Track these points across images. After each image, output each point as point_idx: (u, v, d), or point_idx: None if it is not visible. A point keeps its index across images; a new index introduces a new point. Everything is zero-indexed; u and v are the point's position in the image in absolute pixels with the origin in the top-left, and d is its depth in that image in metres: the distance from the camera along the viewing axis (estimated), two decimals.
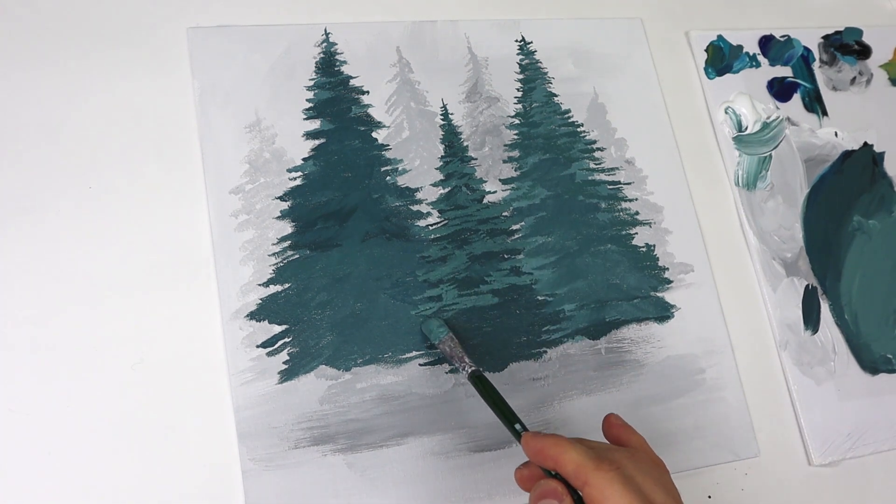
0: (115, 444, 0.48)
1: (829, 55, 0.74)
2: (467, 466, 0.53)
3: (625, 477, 0.38)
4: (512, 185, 0.61)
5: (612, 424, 0.48)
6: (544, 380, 0.56)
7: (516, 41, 0.65)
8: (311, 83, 0.59)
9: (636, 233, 0.62)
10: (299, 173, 0.57)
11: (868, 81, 0.74)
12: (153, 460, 0.49)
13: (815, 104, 0.71)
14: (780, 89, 0.71)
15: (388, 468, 0.52)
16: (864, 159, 0.71)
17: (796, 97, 0.71)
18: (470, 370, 0.50)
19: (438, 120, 0.61)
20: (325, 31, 0.61)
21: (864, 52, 0.75)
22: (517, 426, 0.46)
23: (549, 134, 0.63)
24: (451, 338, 0.52)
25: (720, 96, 0.69)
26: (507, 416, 0.46)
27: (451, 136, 0.61)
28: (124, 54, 0.56)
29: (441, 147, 0.60)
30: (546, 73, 0.64)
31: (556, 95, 0.64)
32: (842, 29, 0.75)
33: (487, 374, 0.55)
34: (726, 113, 0.68)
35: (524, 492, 0.44)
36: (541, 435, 0.42)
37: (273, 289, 0.54)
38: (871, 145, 0.71)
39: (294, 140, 0.57)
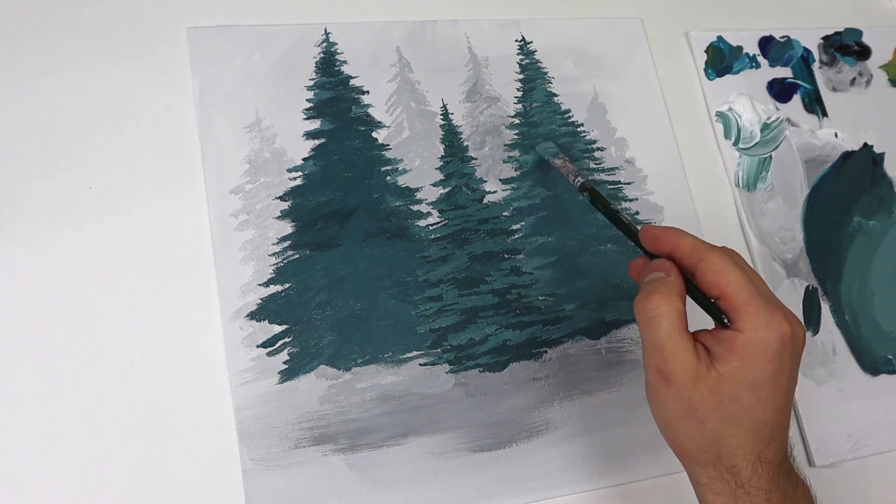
0: (116, 444, 0.48)
1: (828, 56, 0.74)
2: (467, 466, 0.53)
3: (735, 261, 0.42)
4: (512, 185, 0.61)
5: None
6: (544, 380, 0.56)
7: (516, 41, 0.65)
8: (312, 83, 0.59)
9: None
10: (299, 173, 0.57)
11: (868, 82, 0.74)
12: (153, 460, 0.49)
13: (814, 105, 0.71)
14: (779, 90, 0.71)
15: (388, 468, 0.52)
16: (864, 160, 0.71)
17: (796, 98, 0.71)
18: (580, 182, 0.51)
19: (438, 120, 0.61)
20: (325, 31, 0.61)
21: (863, 52, 0.75)
22: (628, 222, 0.48)
23: (549, 134, 0.63)
24: (563, 155, 0.53)
25: (720, 97, 0.69)
26: (620, 220, 0.48)
27: (451, 135, 0.61)
28: (124, 54, 0.56)
29: (441, 147, 0.60)
30: (546, 73, 0.65)
31: (556, 95, 0.64)
32: (841, 30, 0.75)
33: (488, 374, 0.55)
34: (718, 119, 0.68)
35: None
36: (658, 226, 0.46)
37: (273, 289, 0.54)
38: (871, 146, 0.71)
39: (294, 140, 0.57)
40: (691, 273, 0.43)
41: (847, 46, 0.75)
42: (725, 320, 0.41)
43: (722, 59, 0.70)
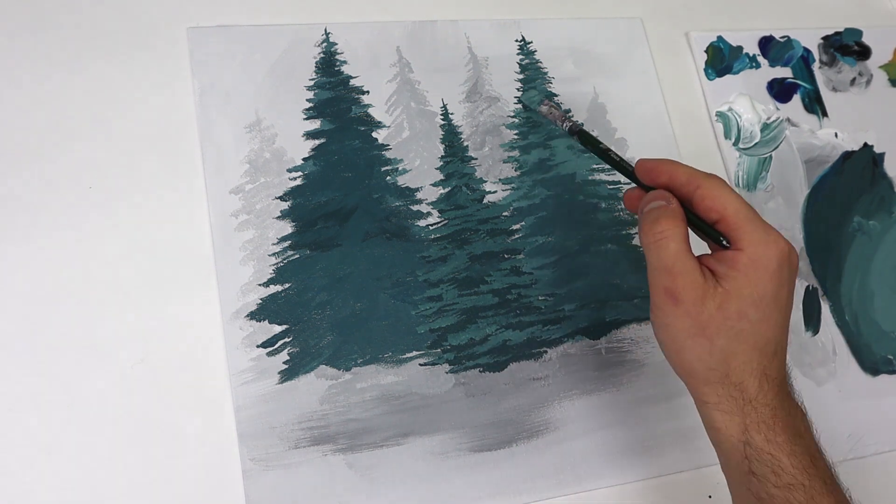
0: (115, 444, 0.48)
1: (828, 56, 0.74)
2: (467, 466, 0.53)
3: (728, 185, 0.44)
4: (512, 185, 0.61)
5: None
6: (544, 380, 0.56)
7: (516, 41, 0.65)
8: (312, 83, 0.59)
9: (636, 232, 0.62)
10: (299, 173, 0.57)
11: (868, 82, 0.74)
12: (153, 460, 0.49)
13: (815, 105, 0.71)
14: (780, 90, 0.71)
15: (388, 468, 0.52)
16: (864, 160, 0.71)
17: (796, 98, 0.71)
18: (569, 126, 0.51)
19: (438, 120, 0.61)
20: (325, 31, 0.61)
21: (863, 52, 0.75)
22: (619, 159, 0.49)
23: (549, 134, 0.63)
24: (549, 101, 0.53)
25: (720, 97, 0.69)
26: (613, 157, 0.49)
27: (451, 135, 0.61)
28: (124, 54, 0.56)
29: (441, 147, 0.60)
30: (546, 73, 0.65)
31: (556, 95, 0.64)
32: (841, 30, 0.75)
33: (488, 374, 0.55)
34: (718, 119, 0.68)
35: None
36: (652, 159, 0.46)
37: (273, 289, 0.54)
38: (871, 146, 0.71)
39: (294, 140, 0.57)
40: (688, 200, 0.44)
41: (847, 46, 0.75)
42: (725, 242, 0.43)
43: (722, 59, 0.70)
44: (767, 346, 0.43)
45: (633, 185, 0.48)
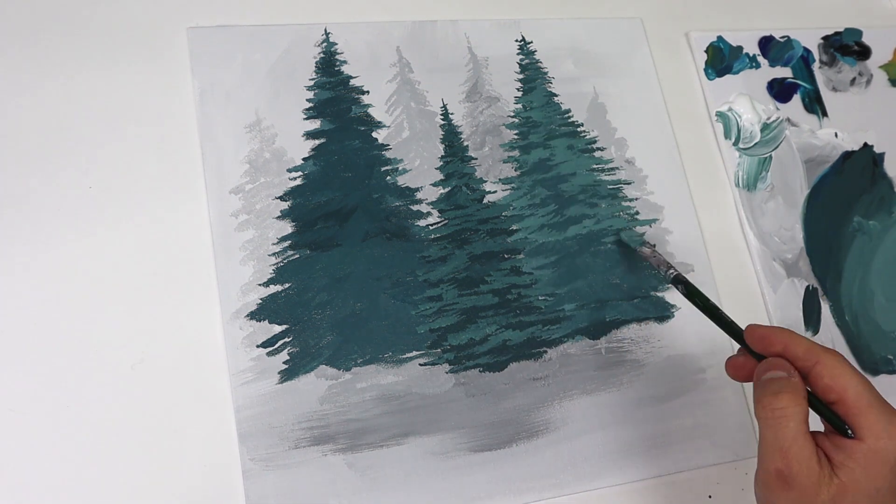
0: (115, 444, 0.48)
1: (828, 56, 0.74)
2: (467, 466, 0.53)
3: (848, 363, 0.42)
4: (512, 185, 0.61)
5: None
6: (544, 380, 0.56)
7: (516, 41, 0.65)
8: (312, 83, 0.59)
9: (636, 232, 0.62)
10: (299, 173, 0.57)
11: (868, 82, 0.74)
12: (153, 460, 0.49)
13: (815, 105, 0.71)
14: (780, 90, 0.71)
15: (388, 468, 0.52)
16: (865, 160, 0.71)
17: (796, 98, 0.71)
18: (673, 275, 0.50)
19: (438, 120, 0.61)
20: (325, 31, 0.61)
21: (863, 52, 0.75)
22: (730, 321, 0.48)
23: (549, 134, 0.63)
24: (651, 245, 0.52)
25: (720, 97, 0.69)
26: (720, 316, 0.48)
27: (451, 135, 0.61)
28: (124, 54, 0.56)
29: (441, 147, 0.60)
30: (546, 73, 0.65)
31: (556, 95, 0.64)
32: (841, 30, 0.75)
33: (488, 374, 0.55)
34: (718, 119, 0.68)
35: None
36: (765, 325, 0.45)
37: (273, 289, 0.54)
38: (871, 146, 0.71)
39: (294, 140, 0.57)
40: (804, 375, 0.42)
41: (847, 46, 0.75)
42: (850, 432, 0.41)
43: (722, 59, 0.70)
44: None
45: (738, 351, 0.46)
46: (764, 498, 0.42)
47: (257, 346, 0.52)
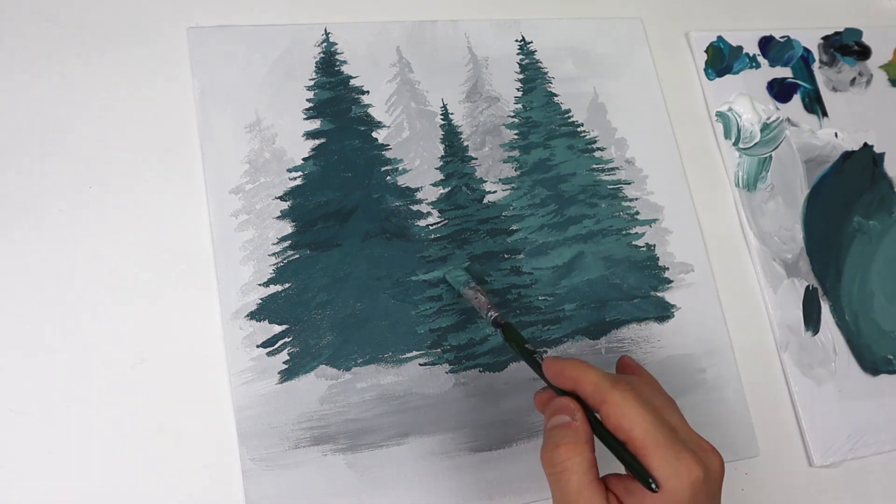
0: (115, 444, 0.48)
1: (828, 56, 0.74)
2: (467, 466, 0.53)
3: (641, 397, 0.40)
4: (512, 185, 0.61)
5: (626, 364, 0.50)
6: None
7: (516, 41, 0.65)
8: (311, 83, 0.59)
9: (636, 232, 0.62)
10: (299, 173, 0.57)
11: (868, 82, 0.74)
12: (153, 460, 0.49)
13: (815, 105, 0.71)
14: (780, 90, 0.71)
15: (388, 468, 0.52)
16: (865, 160, 0.71)
17: (796, 98, 0.71)
18: (493, 317, 0.49)
19: (438, 120, 0.61)
20: (325, 31, 0.61)
21: (863, 52, 0.75)
22: (537, 357, 0.46)
23: (549, 134, 0.63)
24: (475, 287, 0.51)
25: (720, 97, 0.69)
26: (528, 354, 0.46)
27: (451, 135, 0.61)
28: (124, 54, 0.56)
29: (441, 147, 0.60)
30: (546, 73, 0.65)
31: (556, 95, 0.64)
32: (841, 30, 0.75)
33: (488, 374, 0.55)
34: (718, 119, 0.68)
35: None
36: (561, 358, 0.43)
37: (273, 289, 0.54)
38: (871, 146, 0.71)
39: (294, 140, 0.57)
40: (596, 412, 0.41)
41: (847, 46, 0.75)
42: (654, 486, 0.38)
43: (722, 59, 0.70)
44: None
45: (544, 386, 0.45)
46: None
47: (257, 346, 0.52)
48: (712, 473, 0.39)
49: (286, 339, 0.53)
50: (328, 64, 0.60)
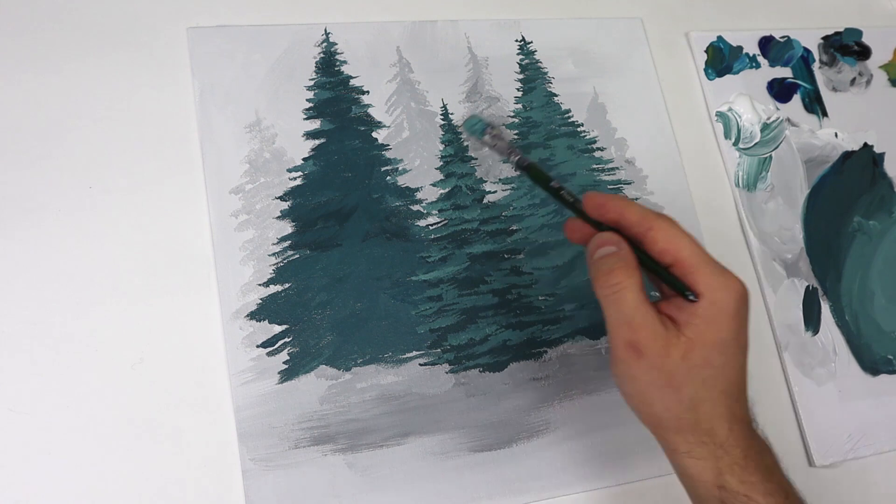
0: (115, 444, 0.48)
1: (828, 56, 0.74)
2: (467, 466, 0.53)
3: (680, 226, 0.43)
4: (512, 185, 0.61)
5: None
6: (544, 380, 0.56)
7: (516, 41, 0.65)
8: (311, 83, 0.59)
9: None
10: (299, 173, 0.57)
11: (868, 82, 0.74)
12: (153, 460, 0.49)
13: (815, 105, 0.71)
14: (780, 90, 0.71)
15: (388, 468, 0.52)
16: (865, 160, 0.71)
17: (796, 98, 0.71)
18: (517, 159, 0.48)
19: (438, 120, 0.61)
20: (325, 31, 0.61)
21: (863, 52, 0.75)
22: (564, 193, 0.46)
23: (549, 134, 0.63)
24: (495, 131, 0.49)
25: (720, 97, 0.69)
26: (563, 196, 0.46)
27: (451, 136, 0.61)
28: (124, 54, 0.56)
29: (441, 147, 0.60)
30: (546, 73, 0.64)
31: (556, 95, 0.64)
32: (841, 30, 0.75)
33: (488, 374, 0.55)
34: (718, 119, 0.68)
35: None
36: (602, 193, 0.46)
37: (273, 289, 0.54)
38: (871, 146, 0.71)
39: (294, 140, 0.57)
40: (639, 242, 0.43)
41: (847, 46, 0.75)
42: (691, 297, 0.41)
43: (722, 59, 0.70)
44: (732, 389, 0.42)
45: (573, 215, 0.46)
46: (621, 374, 0.43)
47: (257, 346, 0.52)
48: (747, 294, 0.42)
49: (286, 339, 0.53)
50: (328, 64, 0.60)
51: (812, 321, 0.64)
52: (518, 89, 0.64)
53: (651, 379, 0.41)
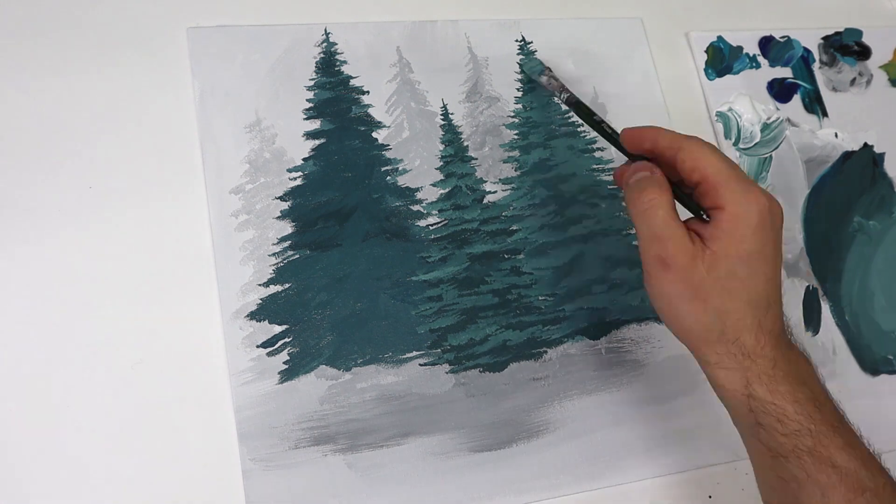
0: (115, 444, 0.48)
1: (828, 56, 0.74)
2: (467, 466, 0.53)
3: (711, 146, 0.46)
4: (512, 185, 0.61)
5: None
6: (544, 380, 0.56)
7: (516, 41, 0.65)
8: (311, 83, 0.59)
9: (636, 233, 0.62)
10: (299, 173, 0.57)
11: (868, 82, 0.74)
12: (153, 460, 0.49)
13: (815, 105, 0.71)
14: (780, 90, 0.71)
15: (388, 468, 0.52)
16: (865, 160, 0.71)
17: (796, 98, 0.71)
18: (566, 97, 0.56)
19: (438, 120, 0.61)
20: (325, 31, 0.61)
21: (863, 52, 0.75)
22: (605, 127, 0.52)
23: (549, 134, 0.63)
24: (551, 73, 0.57)
25: (720, 97, 0.69)
26: (607, 129, 0.52)
27: (451, 135, 0.61)
28: (124, 54, 0.56)
29: (441, 147, 0.60)
30: None
31: (556, 95, 0.64)
32: (842, 30, 0.75)
33: (488, 374, 0.55)
34: (718, 119, 0.68)
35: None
36: (638, 126, 0.49)
37: (273, 289, 0.54)
38: (872, 146, 0.71)
39: (294, 140, 0.57)
40: (671, 164, 0.46)
41: (847, 46, 0.75)
42: (704, 216, 0.45)
43: (722, 59, 0.70)
44: (760, 301, 0.44)
45: (625, 162, 0.49)
46: (651, 289, 0.45)
47: (257, 347, 0.52)
48: (776, 210, 0.44)
49: (286, 340, 0.53)
50: (328, 64, 0.60)
51: (812, 321, 0.64)
52: (518, 89, 0.64)
53: (679, 291, 0.44)
